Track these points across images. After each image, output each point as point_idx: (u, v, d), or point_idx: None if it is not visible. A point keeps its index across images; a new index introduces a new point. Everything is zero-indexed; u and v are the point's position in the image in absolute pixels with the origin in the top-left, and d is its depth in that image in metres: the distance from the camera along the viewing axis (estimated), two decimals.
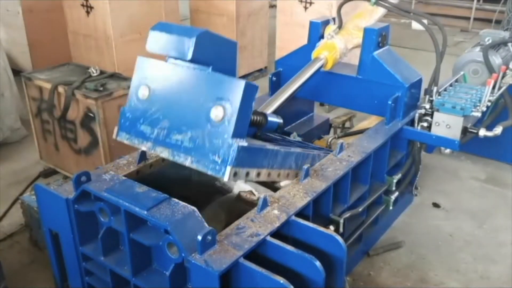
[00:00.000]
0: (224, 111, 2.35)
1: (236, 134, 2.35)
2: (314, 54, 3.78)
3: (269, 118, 3.09)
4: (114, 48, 5.40)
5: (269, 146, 2.73)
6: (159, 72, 2.67)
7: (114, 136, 2.77)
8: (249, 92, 2.36)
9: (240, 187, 3.62)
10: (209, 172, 2.42)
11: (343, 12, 3.98)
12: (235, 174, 2.42)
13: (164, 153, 2.57)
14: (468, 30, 10.78)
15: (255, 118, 2.92)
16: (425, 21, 3.77)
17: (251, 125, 2.78)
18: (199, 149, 2.44)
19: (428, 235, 3.93)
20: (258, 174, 2.65)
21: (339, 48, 3.77)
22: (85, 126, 4.02)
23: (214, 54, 2.48)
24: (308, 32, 4.01)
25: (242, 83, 2.33)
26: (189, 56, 2.39)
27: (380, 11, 3.95)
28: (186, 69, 2.52)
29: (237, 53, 2.58)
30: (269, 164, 2.71)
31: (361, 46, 3.71)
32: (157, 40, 2.58)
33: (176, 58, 2.55)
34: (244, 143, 2.39)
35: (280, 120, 3.25)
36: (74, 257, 2.75)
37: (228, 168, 2.36)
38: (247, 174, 2.53)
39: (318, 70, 3.70)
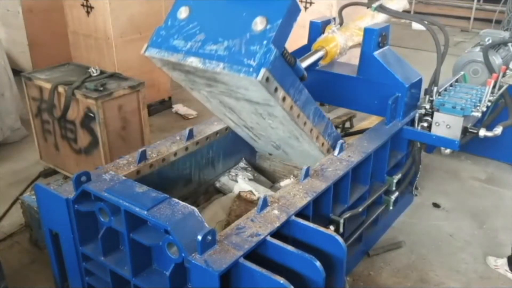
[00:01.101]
0: (267, 22, 2.46)
1: (275, 43, 2.44)
2: (314, 47, 3.78)
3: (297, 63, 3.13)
4: (114, 48, 5.40)
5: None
6: None
7: (142, 51, 2.83)
8: (294, 10, 2.48)
9: (240, 187, 3.62)
10: (241, 75, 2.47)
11: (343, 14, 4.00)
12: (267, 80, 2.47)
13: (195, 62, 2.62)
14: (468, 30, 10.78)
15: (286, 52, 2.87)
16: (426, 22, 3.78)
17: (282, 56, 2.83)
18: (233, 56, 2.51)
19: (428, 235, 3.93)
20: (284, 99, 2.69)
21: (340, 43, 3.77)
22: (85, 126, 4.02)
23: None
24: (308, 32, 4.01)
25: (288, 0, 2.45)
26: None
27: (382, 15, 3.96)
28: None
29: None
30: (294, 95, 2.77)
31: (361, 46, 3.71)
32: None
33: None
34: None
35: (305, 72, 3.30)
36: (74, 257, 2.75)
37: (263, 70, 2.41)
38: (276, 89, 2.59)
39: (317, 61, 3.70)
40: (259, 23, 2.47)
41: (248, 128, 3.45)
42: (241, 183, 3.68)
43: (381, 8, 3.75)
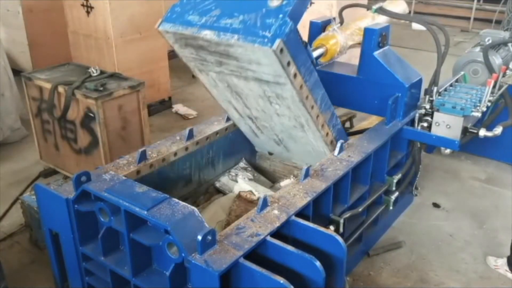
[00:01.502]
0: None
1: (291, 17, 2.49)
2: (314, 44, 3.79)
3: (308, 47, 3.16)
4: (114, 48, 5.40)
5: None
6: None
7: (156, 26, 2.89)
8: None
9: (241, 187, 3.62)
10: (256, 45, 2.51)
11: (343, 14, 4.00)
12: (281, 51, 2.51)
13: (209, 34, 2.67)
14: (468, 30, 10.78)
15: (299, 34, 2.93)
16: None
17: None
18: (248, 28, 2.57)
19: (428, 235, 3.93)
20: (295, 76, 2.73)
21: (340, 41, 3.77)
22: (85, 126, 4.02)
23: None
24: (308, 32, 4.01)
25: None
26: None
27: (382, 17, 3.96)
28: None
29: None
30: (305, 75, 2.80)
31: (361, 46, 3.71)
32: None
33: None
34: None
35: (314, 58, 3.34)
36: (74, 257, 2.75)
37: (278, 41, 2.46)
38: (288, 63, 2.63)
39: (317, 58, 3.70)
40: None
41: (252, 119, 3.45)
42: (241, 183, 3.69)
43: (381, 10, 3.76)
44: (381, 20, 3.99)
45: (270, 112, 3.23)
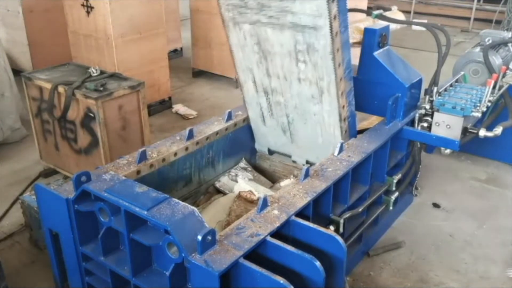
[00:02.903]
0: None
1: None
2: None
3: None
4: (114, 48, 5.40)
5: None
6: None
7: None
8: None
9: (241, 187, 3.62)
10: None
11: None
12: None
13: None
14: (468, 30, 10.78)
15: None
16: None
17: None
18: None
19: (428, 235, 3.93)
20: (335, 18, 2.88)
21: None
22: (85, 126, 4.02)
23: None
24: None
25: None
26: None
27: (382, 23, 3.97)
28: None
29: None
30: (342, 24, 2.97)
31: (361, 46, 3.71)
32: None
33: None
34: None
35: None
36: (74, 257, 2.75)
37: None
38: (335, 17, 2.85)
39: None
40: None
41: (268, 93, 3.52)
42: (241, 183, 3.69)
43: (382, 16, 3.77)
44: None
45: (291, 77, 3.31)
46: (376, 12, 3.76)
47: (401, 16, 4.10)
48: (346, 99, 3.30)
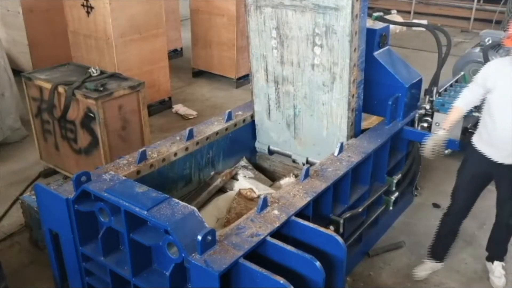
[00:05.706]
0: None
1: None
2: None
3: None
4: (114, 48, 5.40)
5: None
6: None
7: None
8: None
9: (241, 185, 3.63)
10: None
11: None
12: None
13: None
14: (468, 30, 10.78)
15: None
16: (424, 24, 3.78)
17: None
18: None
19: (428, 235, 3.91)
20: (357, 16, 3.04)
21: None
22: (85, 126, 4.02)
23: None
24: None
25: None
26: None
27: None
28: None
29: None
30: (362, 8, 3.11)
31: None
32: None
33: None
34: None
35: None
36: (74, 257, 2.75)
37: None
38: None
39: None
40: None
41: (279, 82, 3.58)
42: (242, 181, 3.69)
43: (382, 18, 3.77)
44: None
45: (305, 64, 3.37)
46: (376, 14, 3.77)
47: (399, 20, 4.11)
48: (357, 89, 3.34)
